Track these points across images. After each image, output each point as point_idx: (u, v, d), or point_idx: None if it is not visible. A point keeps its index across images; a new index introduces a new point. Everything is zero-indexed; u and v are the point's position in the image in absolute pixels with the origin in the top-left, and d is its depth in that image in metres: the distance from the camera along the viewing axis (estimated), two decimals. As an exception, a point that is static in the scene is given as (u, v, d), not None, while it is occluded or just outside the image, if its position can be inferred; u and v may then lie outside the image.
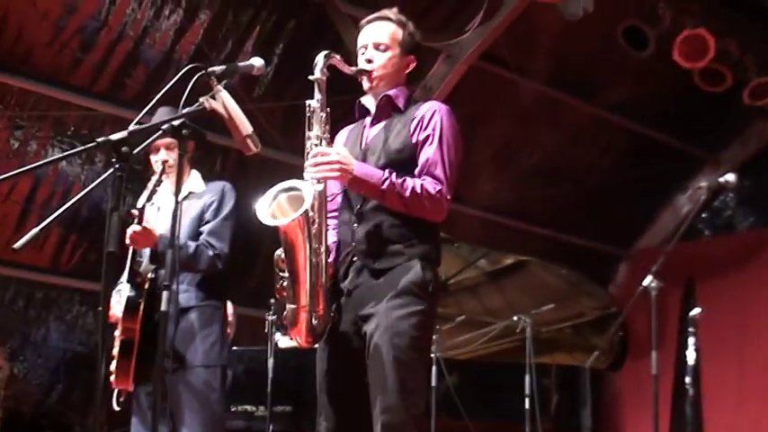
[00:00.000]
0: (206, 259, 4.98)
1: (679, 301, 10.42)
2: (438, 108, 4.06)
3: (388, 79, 4.11)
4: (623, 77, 9.62)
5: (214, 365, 5.01)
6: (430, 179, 3.87)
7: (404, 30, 4.16)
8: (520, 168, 10.20)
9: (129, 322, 4.83)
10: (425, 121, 3.99)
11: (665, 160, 10.61)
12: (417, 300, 3.83)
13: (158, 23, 7.66)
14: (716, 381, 10.03)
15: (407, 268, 3.86)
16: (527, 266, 8.69)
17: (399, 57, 4.12)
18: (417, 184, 3.83)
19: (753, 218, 10.81)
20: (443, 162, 3.92)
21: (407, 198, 3.82)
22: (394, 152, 3.96)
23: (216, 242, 5.03)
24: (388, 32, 4.14)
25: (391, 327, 3.78)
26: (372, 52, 4.11)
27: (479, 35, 8.41)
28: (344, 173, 3.79)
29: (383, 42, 4.11)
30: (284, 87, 8.30)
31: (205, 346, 4.99)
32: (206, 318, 5.05)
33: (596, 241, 11.30)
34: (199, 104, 3.70)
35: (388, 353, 3.76)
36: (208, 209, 5.12)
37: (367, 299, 3.88)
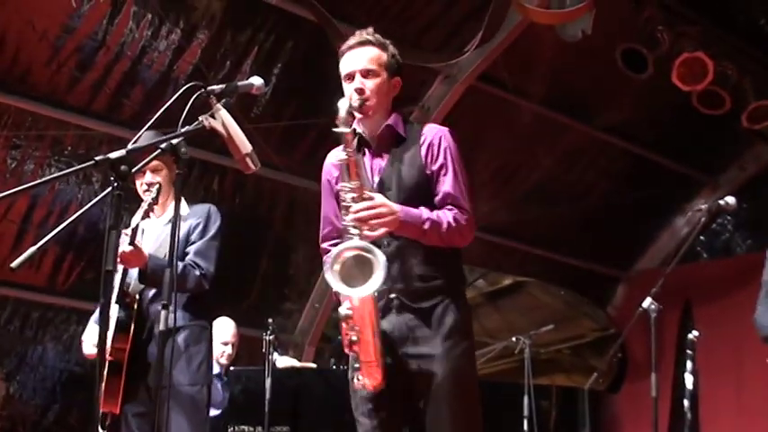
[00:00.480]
0: (193, 279, 5.00)
1: (677, 323, 10.41)
2: (444, 134, 4.05)
3: (380, 107, 4.02)
4: (622, 100, 9.63)
5: (201, 384, 5.04)
6: (457, 210, 3.91)
7: (386, 52, 4.06)
8: (518, 189, 10.20)
9: (120, 342, 4.84)
10: (435, 148, 3.99)
11: (664, 182, 10.61)
12: (465, 338, 3.92)
13: (156, 43, 7.66)
14: (714, 403, 9.99)
15: (449, 307, 3.90)
16: (525, 287, 8.70)
17: (387, 81, 4.03)
18: (450, 218, 3.87)
19: (750, 241, 10.80)
20: (462, 191, 3.96)
21: (445, 233, 3.85)
22: (413, 187, 3.94)
23: (202, 262, 5.05)
24: (373, 57, 4.01)
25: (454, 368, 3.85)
26: (362, 80, 3.98)
27: (478, 56, 8.41)
28: (393, 223, 3.75)
29: (371, 69, 3.99)
30: (282, 107, 8.31)
31: (192, 366, 5.01)
32: (194, 337, 5.07)
33: (594, 263, 11.29)
34: (198, 123, 3.68)
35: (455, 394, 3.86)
36: (194, 230, 5.14)
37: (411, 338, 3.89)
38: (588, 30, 7.56)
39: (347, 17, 7.83)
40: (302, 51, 8.15)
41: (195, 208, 5.25)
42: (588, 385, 8.30)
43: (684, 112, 9.01)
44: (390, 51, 4.07)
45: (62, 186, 7.98)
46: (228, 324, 7.67)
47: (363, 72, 3.98)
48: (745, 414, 9.67)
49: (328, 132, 3.91)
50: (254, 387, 7.07)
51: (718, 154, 10.57)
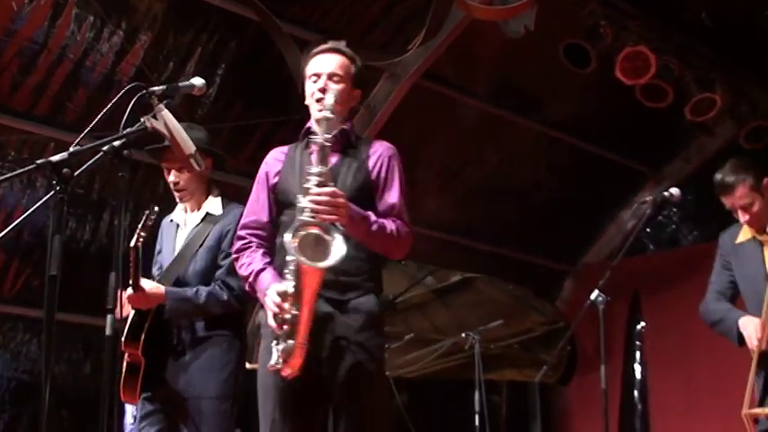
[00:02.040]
0: (219, 304, 4.90)
1: (625, 315, 10.50)
2: (393, 152, 4.25)
3: (340, 112, 4.14)
4: (566, 95, 9.68)
5: (229, 397, 4.93)
6: (400, 222, 4.10)
7: (354, 64, 4.30)
8: (464, 186, 10.23)
9: (131, 348, 4.82)
10: (383, 162, 4.18)
11: (609, 176, 10.70)
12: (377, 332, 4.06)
13: (98, 46, 7.59)
14: (663, 394, 10.10)
15: (366, 302, 4.03)
16: (474, 283, 8.72)
17: (349, 90, 4.24)
18: (394, 228, 4.06)
19: (696, 232, 10.91)
20: (403, 206, 4.15)
21: (387, 239, 4.04)
22: (355, 190, 4.05)
23: (234, 281, 4.86)
24: (342, 64, 4.25)
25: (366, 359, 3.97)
26: (327, 82, 4.18)
27: (422, 54, 8.41)
28: (343, 216, 3.85)
29: (337, 73, 4.21)
30: (227, 108, 8.26)
31: (220, 377, 4.91)
32: (222, 347, 4.96)
33: (542, 257, 11.36)
34: (140, 124, 3.67)
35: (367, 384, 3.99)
36: (224, 237, 5.00)
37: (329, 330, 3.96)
38: (531, 26, 7.59)
39: (290, 17, 7.82)
40: (246, 52, 8.11)
41: (231, 208, 5.14)
42: (538, 379, 8.36)
43: (628, 106, 9.08)
44: (358, 65, 4.32)
45: (5, 191, 7.89)
46: None
47: (330, 74, 4.20)
48: (694, 403, 9.76)
49: (274, 132, 3.92)
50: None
51: (663, 147, 10.66)
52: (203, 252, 4.99)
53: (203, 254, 4.99)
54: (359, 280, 4.04)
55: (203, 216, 5.09)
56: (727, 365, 9.31)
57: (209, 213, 5.09)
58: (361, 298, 4.03)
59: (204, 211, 5.11)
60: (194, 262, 4.97)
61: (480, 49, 8.97)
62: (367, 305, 4.03)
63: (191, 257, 4.98)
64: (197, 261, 4.97)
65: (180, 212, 5.21)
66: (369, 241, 4.01)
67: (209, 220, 5.07)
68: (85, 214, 8.32)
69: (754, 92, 9.36)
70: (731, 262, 5.96)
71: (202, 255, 4.98)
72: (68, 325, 8.13)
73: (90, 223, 8.35)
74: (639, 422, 10.36)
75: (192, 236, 5.05)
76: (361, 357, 3.95)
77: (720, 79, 8.86)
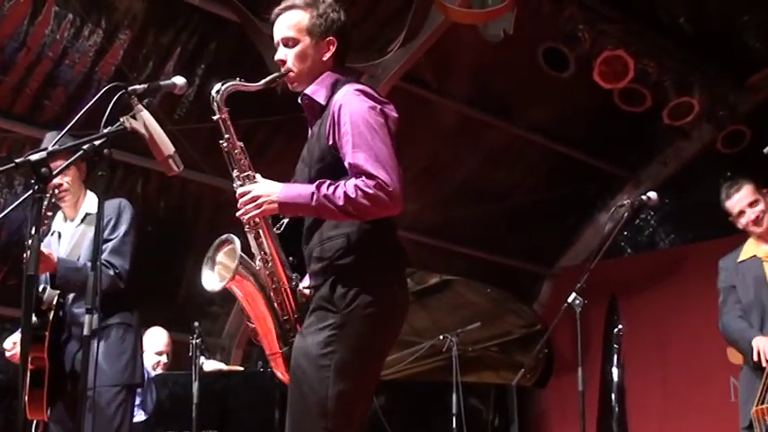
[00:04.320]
0: (106, 279, 4.83)
1: (603, 318, 10.53)
2: (343, 99, 3.67)
3: (307, 75, 3.80)
4: (544, 98, 9.70)
5: (122, 385, 4.90)
6: (363, 177, 3.52)
7: (311, 12, 3.80)
8: (443, 188, 10.24)
9: (36, 351, 4.70)
10: (336, 117, 3.65)
11: (587, 179, 10.73)
12: (326, 314, 3.59)
13: (78, 44, 7.56)
14: (640, 396, 10.13)
15: (328, 284, 3.61)
16: (452, 286, 8.72)
17: (312, 46, 3.78)
18: (350, 188, 3.51)
19: (673, 235, 10.96)
20: (367, 155, 3.56)
21: (342, 206, 3.50)
22: (317, 161, 3.70)
23: (116, 260, 4.93)
24: (293, 23, 3.80)
25: (298, 348, 3.63)
26: (283, 51, 3.81)
27: (401, 56, 8.41)
28: (269, 204, 3.59)
29: (290, 36, 3.79)
30: (206, 109, 8.17)
31: (117, 367, 4.89)
32: (116, 336, 4.95)
33: (520, 260, 11.38)
34: (119, 124, 3.64)
35: (293, 375, 3.63)
36: (105, 228, 4.98)
37: None
38: (510, 29, 7.61)
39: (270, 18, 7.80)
40: (225, 52, 8.10)
41: (106, 204, 5.07)
42: (516, 381, 8.37)
43: (606, 109, 9.14)
44: (318, 11, 3.80)
45: (-18, 191, 7.87)
46: (161, 333, 7.60)
47: (284, 40, 3.82)
48: (671, 405, 9.80)
49: (254, 133, 3.91)
50: (181, 392, 7.00)
51: (640, 150, 10.70)
52: (87, 246, 4.97)
53: (87, 248, 4.96)
54: (328, 262, 3.62)
55: (83, 217, 5.10)
56: (703, 367, 9.40)
57: (88, 213, 5.09)
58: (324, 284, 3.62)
59: (83, 212, 5.11)
60: (82, 256, 4.96)
61: (459, 52, 8.99)
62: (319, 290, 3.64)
63: (78, 254, 4.97)
64: (83, 255, 4.95)
65: (59, 222, 5.19)
66: (322, 215, 3.58)
67: (88, 220, 5.07)
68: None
69: (731, 96, 9.43)
70: (735, 281, 6.09)
71: (86, 248, 4.96)
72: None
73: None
74: (617, 424, 10.39)
75: (77, 236, 5.06)
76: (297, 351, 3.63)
77: (698, 84, 8.91)
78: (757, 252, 6.03)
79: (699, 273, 9.54)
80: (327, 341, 3.54)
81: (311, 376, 3.53)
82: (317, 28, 3.78)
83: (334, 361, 3.53)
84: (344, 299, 3.57)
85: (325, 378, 3.52)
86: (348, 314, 3.57)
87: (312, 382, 3.53)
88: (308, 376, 3.54)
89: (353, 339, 3.58)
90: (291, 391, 3.63)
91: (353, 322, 3.57)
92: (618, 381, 10.49)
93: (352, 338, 3.58)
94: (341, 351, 3.54)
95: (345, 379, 3.55)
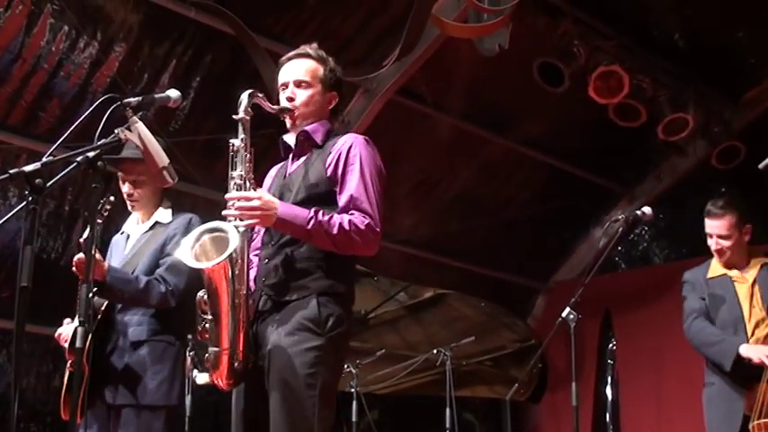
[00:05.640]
0: (156, 295, 4.83)
1: (597, 333, 10.52)
2: (355, 141, 4.05)
3: (310, 117, 4.12)
4: (539, 113, 9.72)
5: (159, 406, 4.81)
6: (358, 214, 3.84)
7: (324, 66, 4.18)
8: (438, 202, 10.25)
9: None
10: (344, 155, 3.98)
11: (582, 194, 10.73)
12: (312, 336, 3.77)
13: (73, 56, 7.56)
14: (634, 411, 10.12)
15: (305, 304, 3.81)
16: (446, 299, 8.73)
17: (321, 94, 4.14)
18: (345, 221, 3.80)
19: (667, 251, 10.97)
20: (368, 195, 3.90)
21: (335, 235, 3.78)
22: (309, 187, 3.96)
23: (171, 277, 4.88)
24: (309, 69, 4.15)
25: (284, 365, 3.74)
26: (294, 90, 4.11)
27: (397, 70, 8.43)
28: (266, 218, 3.77)
29: (304, 80, 4.11)
30: (201, 121, 8.24)
31: (152, 384, 4.80)
32: (157, 354, 4.87)
33: (514, 274, 11.38)
34: (114, 136, 3.65)
35: (279, 393, 3.72)
36: (170, 241, 4.99)
37: (268, 334, 3.85)
38: (505, 44, 7.62)
39: (266, 31, 7.83)
40: (221, 65, 8.11)
41: (177, 216, 5.14)
42: (509, 396, 8.36)
43: (601, 124, 9.15)
44: (330, 66, 4.19)
45: (-23, 202, 7.86)
46: None
47: (297, 82, 4.12)
48: (664, 420, 9.79)
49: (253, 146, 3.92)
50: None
51: (635, 166, 10.72)
52: (149, 255, 4.98)
53: (149, 256, 4.98)
54: (305, 281, 3.84)
55: (152, 224, 5.11)
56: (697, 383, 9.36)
57: (159, 222, 5.11)
58: (304, 300, 3.81)
59: (153, 220, 5.13)
60: (141, 264, 4.96)
61: (455, 66, 9.00)
62: (302, 308, 3.81)
63: (138, 262, 4.98)
64: (143, 263, 4.95)
65: (131, 224, 5.22)
66: (312, 241, 3.82)
67: (157, 228, 5.09)
68: (57, 225, 8.28)
69: (726, 112, 9.45)
70: (704, 293, 6.11)
71: (148, 257, 4.97)
72: (38, 337, 8.04)
73: (62, 235, 8.31)
74: (610, 440, 10.38)
75: (141, 243, 5.07)
76: (284, 366, 3.74)
77: (693, 99, 8.93)
78: (728, 272, 6.08)
79: (693, 288, 9.57)
80: (313, 362, 3.75)
81: (299, 394, 3.71)
82: (328, 81, 4.17)
83: (319, 382, 3.75)
84: (328, 322, 3.80)
85: (311, 397, 3.72)
86: (331, 338, 3.81)
87: (301, 401, 3.71)
88: (296, 393, 3.71)
89: (334, 361, 3.87)
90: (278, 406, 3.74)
91: (334, 345, 3.83)
92: (612, 396, 10.49)
93: (333, 360, 3.85)
94: (323, 373, 3.77)
95: (328, 400, 3.78)
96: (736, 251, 6.04)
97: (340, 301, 3.88)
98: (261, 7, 7.83)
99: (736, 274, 6.05)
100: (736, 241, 6.01)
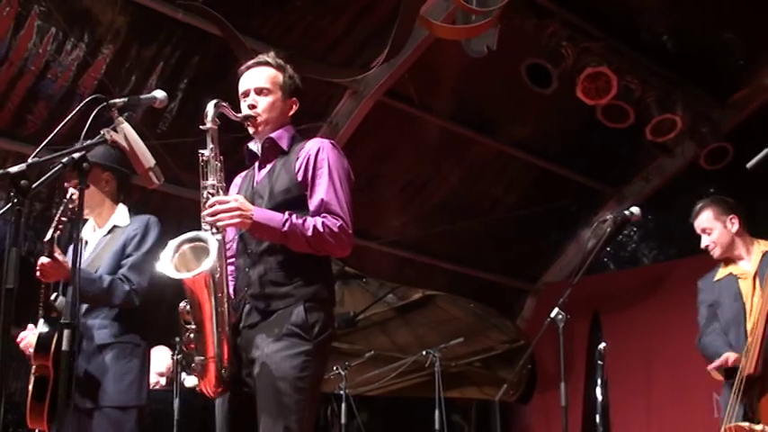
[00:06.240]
0: (121, 294, 4.84)
1: (586, 334, 10.53)
2: (322, 145, 4.12)
3: (272, 123, 4.18)
4: (527, 114, 9.74)
5: (130, 407, 4.83)
6: (330, 216, 3.93)
7: (283, 73, 4.25)
8: (426, 204, 10.24)
9: (42, 359, 4.70)
10: (312, 159, 4.06)
11: (570, 195, 10.74)
12: (300, 341, 3.85)
13: (60, 58, 7.54)
14: (624, 411, 10.14)
15: (292, 311, 3.88)
16: (435, 301, 8.72)
17: (282, 100, 4.21)
18: (318, 223, 3.89)
19: (656, 251, 10.99)
20: (338, 198, 3.99)
21: (310, 237, 3.86)
22: (280, 193, 4.02)
23: (134, 276, 4.91)
24: (269, 77, 4.21)
25: (274, 370, 3.79)
26: (255, 97, 4.17)
27: (385, 71, 8.43)
28: (244, 219, 3.82)
29: (264, 87, 4.18)
30: (188, 123, 8.21)
31: (120, 386, 4.81)
32: (124, 355, 4.88)
33: (503, 276, 11.38)
34: (100, 137, 3.65)
35: (270, 397, 3.78)
36: (130, 242, 5.01)
37: (255, 341, 3.90)
38: (493, 45, 7.62)
39: (253, 32, 7.81)
40: (208, 66, 8.09)
41: (135, 218, 5.14)
42: (499, 397, 8.36)
43: (589, 125, 9.16)
44: (288, 73, 4.27)
45: (-37, 205, 7.82)
46: (166, 354, 7.51)
47: (257, 90, 4.19)
48: (654, 420, 9.81)
49: (236, 148, 3.92)
50: (163, 408, 6.97)
51: (623, 166, 10.73)
52: (109, 257, 4.98)
53: (109, 259, 4.98)
54: (290, 288, 3.93)
55: (110, 228, 5.10)
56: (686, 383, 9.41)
57: (116, 225, 5.10)
58: (290, 308, 3.89)
59: (111, 224, 5.11)
60: (102, 267, 4.95)
61: (443, 67, 9.00)
62: (289, 315, 3.88)
63: (99, 265, 4.97)
64: (104, 266, 4.94)
65: (87, 230, 5.19)
66: (288, 243, 3.89)
67: (115, 231, 5.08)
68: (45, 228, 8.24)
69: (714, 113, 9.46)
70: (713, 299, 6.10)
71: (108, 260, 4.97)
72: (26, 340, 8.03)
73: (49, 237, 8.28)
74: (600, 440, 10.39)
75: (101, 246, 5.07)
76: (274, 371, 3.80)
77: (681, 100, 8.94)
78: (733, 270, 6.05)
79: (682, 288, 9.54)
80: (303, 366, 3.83)
81: (290, 397, 3.78)
82: (288, 87, 4.25)
83: (308, 386, 3.84)
84: (315, 328, 3.89)
85: (301, 400, 3.80)
86: (318, 343, 3.89)
87: (291, 403, 3.78)
88: (287, 397, 3.78)
89: (320, 365, 3.97)
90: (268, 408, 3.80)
91: (321, 350, 3.92)
92: (601, 396, 10.49)
93: (319, 364, 3.94)
94: (311, 377, 3.87)
95: (313, 401, 3.90)
96: (725, 243, 6.03)
97: (325, 307, 3.98)
98: (248, 9, 7.82)
99: (740, 271, 6.01)
100: (722, 233, 6.01)
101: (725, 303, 6.02)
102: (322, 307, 3.96)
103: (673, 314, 9.60)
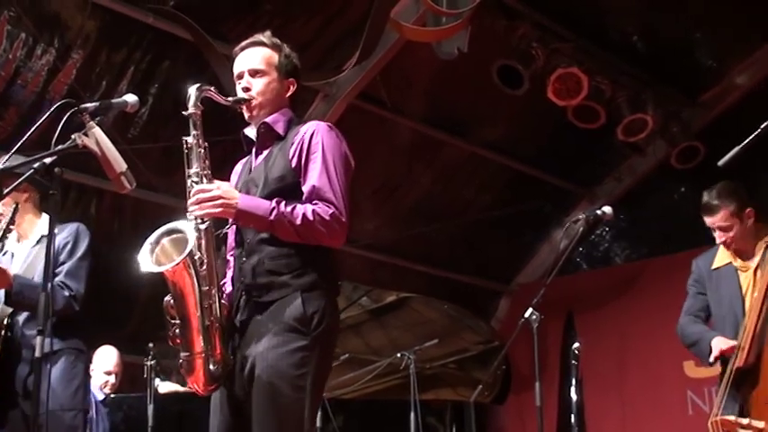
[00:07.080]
0: (61, 300, 4.83)
1: (560, 334, 10.56)
2: (317, 128, 3.91)
3: (268, 106, 3.99)
4: (499, 115, 9.75)
5: (78, 410, 4.88)
6: (321, 203, 3.71)
7: (279, 53, 4.04)
8: (399, 206, 10.24)
9: None
10: (306, 143, 3.84)
11: (542, 196, 10.77)
12: (297, 336, 3.64)
13: (30, 63, 7.50)
14: (598, 411, 10.16)
15: (289, 302, 3.67)
16: (409, 303, 8.73)
17: (278, 81, 4.01)
18: (309, 210, 3.67)
19: (628, 251, 11.03)
20: (332, 184, 3.77)
21: (299, 226, 3.65)
22: (275, 180, 3.82)
23: (72, 283, 4.91)
24: (264, 57, 4.01)
25: (269, 369, 3.61)
26: (249, 80, 3.98)
27: (356, 74, 8.43)
28: (227, 207, 3.67)
29: (259, 68, 3.99)
30: (160, 128, 8.19)
31: (68, 391, 4.85)
32: (70, 361, 4.91)
33: (476, 277, 11.39)
34: (71, 141, 3.62)
35: (266, 398, 3.61)
36: (62, 250, 4.98)
37: (251, 335, 3.73)
38: (464, 47, 7.64)
39: (223, 36, 7.78)
40: (179, 71, 8.06)
41: (63, 227, 5.08)
42: (474, 398, 8.36)
43: (560, 126, 9.19)
44: (284, 53, 4.05)
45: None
46: (112, 353, 7.47)
47: (252, 71, 3.99)
48: (629, 418, 9.84)
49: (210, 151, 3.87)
50: (136, 414, 6.94)
51: (595, 167, 10.76)
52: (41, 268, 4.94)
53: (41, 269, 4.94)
54: (287, 278, 3.71)
55: (38, 239, 5.06)
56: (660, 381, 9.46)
57: (44, 235, 5.04)
58: (287, 299, 3.68)
59: (38, 235, 5.07)
60: (36, 277, 4.92)
61: (414, 70, 9.01)
62: (286, 307, 3.67)
63: (33, 275, 4.93)
64: (37, 276, 4.91)
65: (12, 242, 5.14)
66: (276, 232, 3.70)
67: (43, 242, 5.02)
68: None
69: (685, 113, 9.51)
70: (706, 286, 6.01)
71: (40, 271, 4.93)
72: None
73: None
74: (575, 439, 10.41)
75: (32, 257, 5.03)
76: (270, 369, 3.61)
77: (652, 100, 8.98)
78: (733, 260, 5.88)
79: (654, 287, 9.65)
80: (301, 362, 3.63)
81: (288, 396, 3.60)
82: (284, 67, 4.03)
83: (308, 382, 3.63)
84: (313, 320, 3.67)
85: (300, 399, 3.61)
86: (317, 336, 3.68)
87: (289, 403, 3.60)
88: (284, 397, 3.60)
89: (321, 359, 3.71)
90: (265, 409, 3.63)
91: (321, 343, 3.70)
92: (576, 396, 10.52)
93: (320, 359, 3.70)
94: (312, 372, 3.65)
95: (315, 399, 3.67)
96: (742, 238, 5.81)
97: (325, 296, 3.75)
98: (218, 13, 7.80)
99: (741, 264, 5.84)
100: (740, 229, 5.78)
101: (721, 296, 5.86)
102: (322, 296, 3.73)
103: (645, 313, 9.65)
